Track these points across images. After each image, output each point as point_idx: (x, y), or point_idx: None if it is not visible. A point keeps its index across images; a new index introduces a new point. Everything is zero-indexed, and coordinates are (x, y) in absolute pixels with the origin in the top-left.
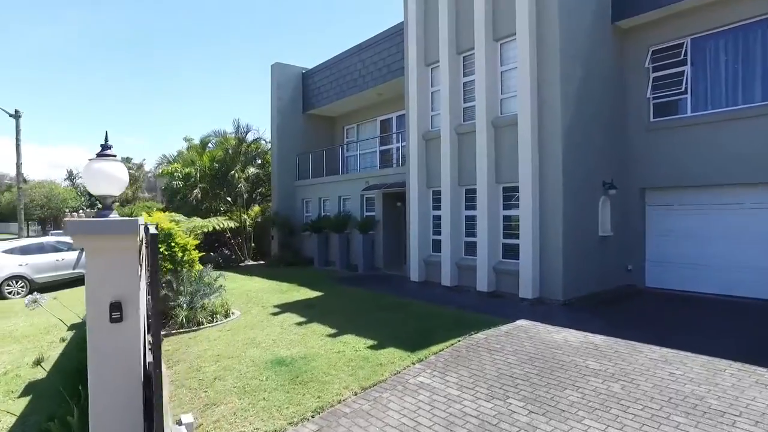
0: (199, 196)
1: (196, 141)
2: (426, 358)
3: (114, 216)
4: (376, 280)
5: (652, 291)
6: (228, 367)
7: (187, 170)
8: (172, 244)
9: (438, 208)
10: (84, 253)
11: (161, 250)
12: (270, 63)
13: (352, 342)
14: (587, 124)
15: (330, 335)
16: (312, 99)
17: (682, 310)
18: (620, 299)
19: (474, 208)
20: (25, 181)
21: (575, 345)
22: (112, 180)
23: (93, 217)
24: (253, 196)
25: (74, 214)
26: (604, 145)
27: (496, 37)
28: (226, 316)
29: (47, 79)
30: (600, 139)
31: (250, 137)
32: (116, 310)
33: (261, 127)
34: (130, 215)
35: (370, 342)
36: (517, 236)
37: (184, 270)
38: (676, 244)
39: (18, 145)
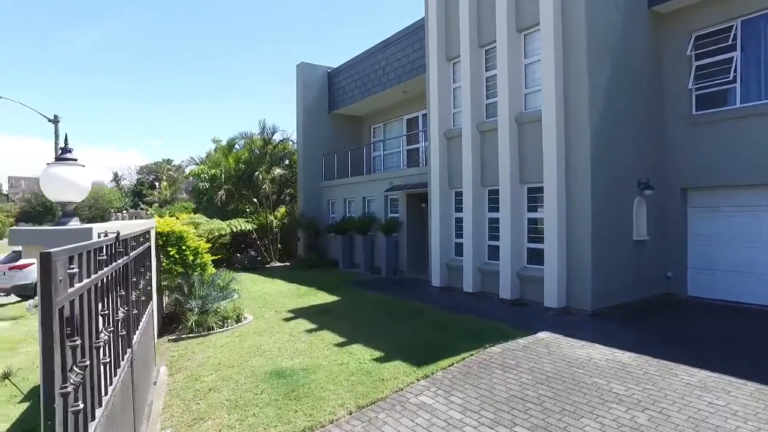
0: (224, 197)
1: (224, 143)
2: (433, 374)
3: (75, 223)
4: (398, 285)
5: (694, 301)
6: (227, 377)
7: (212, 171)
8: (183, 247)
9: (460, 209)
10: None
11: (171, 253)
12: (298, 64)
13: (358, 353)
14: (619, 119)
15: (338, 344)
16: (337, 98)
17: (728, 323)
18: (657, 310)
19: (498, 210)
20: None
21: (600, 363)
22: (71, 186)
23: (53, 225)
24: (282, 197)
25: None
26: (639, 142)
27: (519, 28)
28: (238, 320)
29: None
30: (634, 135)
31: (276, 138)
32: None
33: (290, 128)
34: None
35: (377, 353)
36: (543, 240)
37: (195, 274)
38: (722, 249)
39: (56, 149)
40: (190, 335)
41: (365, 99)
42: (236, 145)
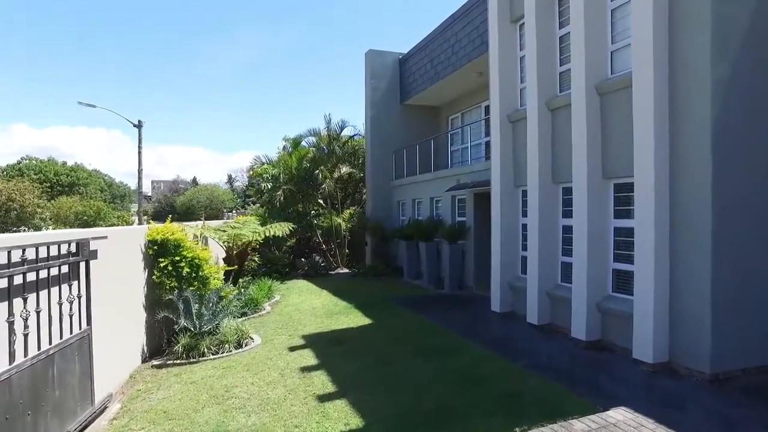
0: (282, 198)
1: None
2: None
3: None
4: (453, 304)
5: None
6: None
7: (273, 171)
8: (177, 258)
9: (526, 213)
10: None
11: (163, 264)
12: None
13: (336, 415)
14: (761, 85)
15: (321, 397)
16: (409, 87)
17: None
18: None
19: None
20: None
21: None
22: None
23: None
24: (355, 196)
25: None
26: None
27: None
28: (239, 345)
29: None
30: None
31: (345, 134)
32: None
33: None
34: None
35: (358, 421)
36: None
37: (191, 288)
38: None
39: (140, 153)
40: (177, 362)
41: (436, 84)
42: (303, 143)
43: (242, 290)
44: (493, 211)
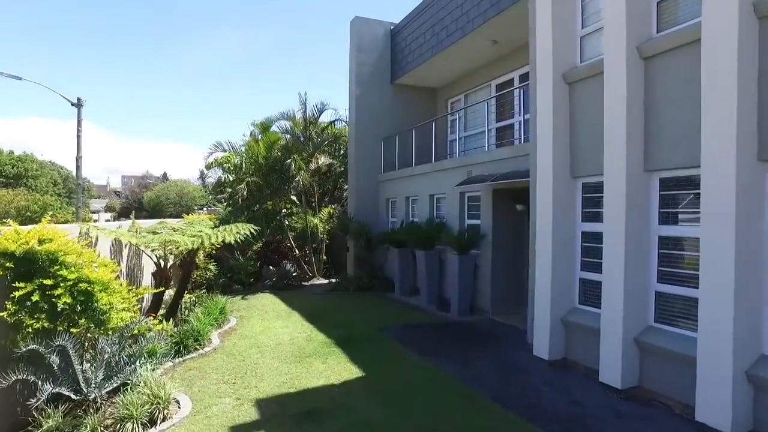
0: (245, 192)
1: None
2: None
3: None
4: (470, 341)
5: None
6: None
7: (236, 160)
8: (49, 282)
9: (595, 217)
10: None
11: (22, 293)
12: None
13: None
14: None
15: None
16: (402, 62)
17: None
18: None
19: (687, 219)
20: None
21: None
22: None
23: None
24: (334, 193)
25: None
26: None
27: None
28: (152, 422)
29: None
30: None
31: (325, 119)
32: None
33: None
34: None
35: None
36: None
37: (74, 331)
38: None
39: (78, 137)
40: None
41: (438, 56)
42: (274, 128)
43: (181, 319)
44: (539, 213)
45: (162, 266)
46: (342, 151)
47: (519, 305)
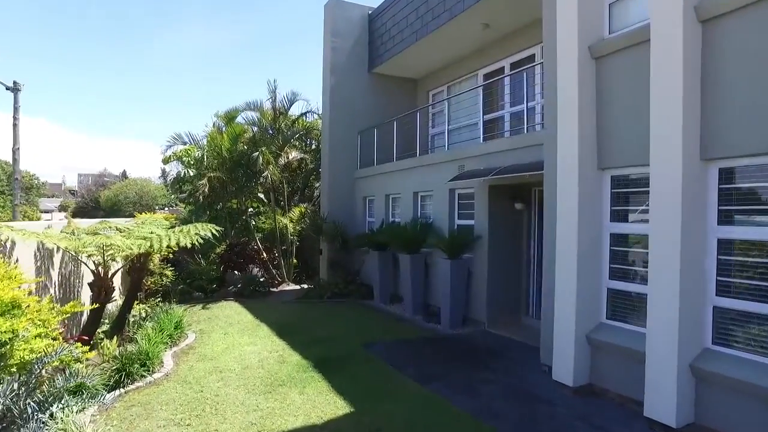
0: (206, 189)
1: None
2: None
3: None
4: (472, 360)
5: None
6: None
7: (197, 153)
8: None
9: (625, 215)
10: None
11: None
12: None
13: None
14: None
15: None
16: (381, 49)
17: None
18: None
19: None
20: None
21: None
22: None
23: None
24: (305, 192)
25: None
26: None
27: None
28: None
29: None
30: None
31: (295, 110)
32: None
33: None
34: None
35: None
36: None
37: None
38: None
39: (15, 126)
40: None
41: (422, 42)
42: (239, 119)
43: (128, 337)
44: (560, 212)
45: (101, 274)
46: (314, 146)
47: (516, 315)
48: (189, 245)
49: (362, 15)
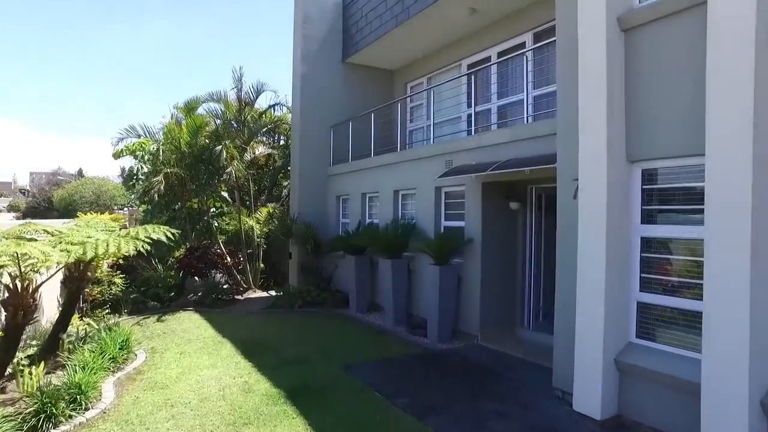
0: (162, 187)
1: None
2: None
3: None
4: (474, 385)
5: None
6: None
7: (152, 147)
8: None
9: (663, 217)
10: None
11: None
12: None
13: None
14: None
15: None
16: (356, 36)
17: None
18: None
19: None
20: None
21: None
22: None
23: None
24: (273, 191)
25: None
26: None
27: None
28: None
29: None
30: None
31: (262, 102)
32: None
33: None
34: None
35: None
36: None
37: None
38: None
39: None
40: None
41: (401, 27)
42: (200, 110)
43: (61, 362)
44: (582, 213)
45: (18, 290)
46: (283, 142)
47: (510, 326)
48: (133, 252)
49: (335, 1)
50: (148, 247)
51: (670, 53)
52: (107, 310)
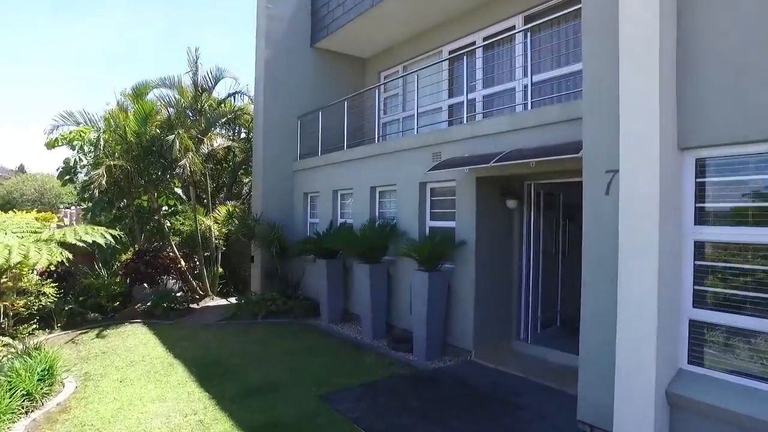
0: (104, 181)
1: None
2: None
3: None
4: (477, 412)
5: None
6: None
7: (93, 136)
8: None
9: (727, 217)
10: None
11: None
12: None
13: None
14: None
15: None
16: (327, 18)
17: None
18: None
19: None
20: (23, 172)
21: None
22: None
23: None
24: (233, 189)
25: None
26: None
27: None
28: None
29: None
30: None
31: (221, 90)
32: None
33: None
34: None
35: None
36: None
37: None
38: None
39: None
40: None
41: (377, 8)
42: (152, 96)
43: None
44: (625, 212)
45: None
46: (244, 135)
47: (505, 339)
48: (49, 262)
49: None
50: (69, 255)
51: (734, 14)
52: (34, 326)
